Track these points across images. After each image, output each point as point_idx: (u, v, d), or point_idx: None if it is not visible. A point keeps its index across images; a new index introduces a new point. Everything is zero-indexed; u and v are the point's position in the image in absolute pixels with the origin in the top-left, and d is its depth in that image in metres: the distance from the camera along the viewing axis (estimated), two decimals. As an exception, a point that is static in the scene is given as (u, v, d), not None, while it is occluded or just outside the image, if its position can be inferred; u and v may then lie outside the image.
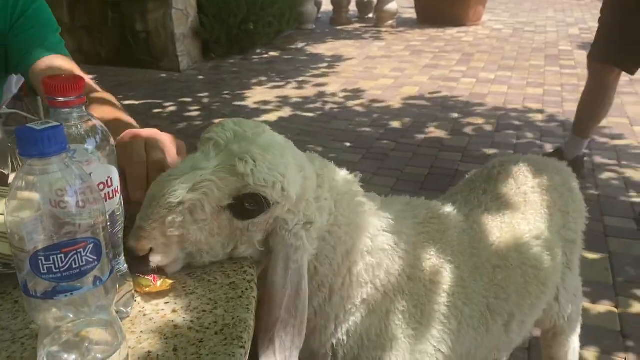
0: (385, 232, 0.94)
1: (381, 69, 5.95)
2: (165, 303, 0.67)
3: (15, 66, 1.35)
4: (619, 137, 3.86)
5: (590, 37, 7.57)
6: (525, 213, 1.23)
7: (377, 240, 0.92)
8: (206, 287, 0.71)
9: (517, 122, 4.20)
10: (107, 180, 0.63)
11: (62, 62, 1.26)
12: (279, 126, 3.17)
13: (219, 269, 0.75)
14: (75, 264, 0.49)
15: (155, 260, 0.71)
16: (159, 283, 0.69)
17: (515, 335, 1.20)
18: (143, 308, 0.67)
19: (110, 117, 1.04)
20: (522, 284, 1.16)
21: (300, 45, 7.27)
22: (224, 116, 4.40)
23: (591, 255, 2.37)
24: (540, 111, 4.44)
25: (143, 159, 0.80)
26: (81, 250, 0.49)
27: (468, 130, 4.07)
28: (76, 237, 0.49)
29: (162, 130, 0.88)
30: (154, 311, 0.66)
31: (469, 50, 6.72)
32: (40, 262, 0.48)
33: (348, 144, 3.78)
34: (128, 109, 1.13)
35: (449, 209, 1.17)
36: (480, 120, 4.26)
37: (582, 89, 4.97)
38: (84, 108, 0.61)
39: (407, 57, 6.52)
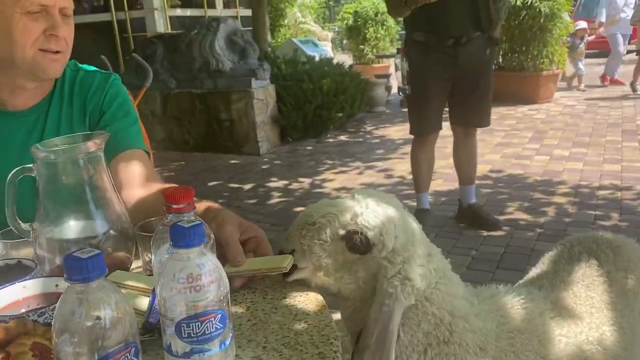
0: (466, 330, 1.02)
1: (452, 148, 6.05)
2: (266, 368, 0.80)
3: None
4: None
5: (670, 111, 7.37)
6: (611, 293, 1.25)
7: (455, 334, 1.01)
8: (299, 356, 0.83)
9: (594, 200, 4.11)
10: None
11: (137, 160, 1.31)
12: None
13: (309, 340, 0.87)
14: (208, 330, 0.63)
15: (295, 257, 0.98)
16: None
17: None
18: (248, 372, 0.79)
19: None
20: None
21: (370, 127, 7.56)
22: (301, 196, 4.63)
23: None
24: (619, 188, 4.34)
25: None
26: (212, 319, 0.64)
27: (543, 208, 4.03)
28: (208, 309, 0.64)
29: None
30: (257, 375, 0.79)
31: (542, 128, 6.70)
32: (182, 328, 0.63)
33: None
34: (213, 191, 1.32)
35: (534, 297, 1.20)
36: (555, 198, 4.22)
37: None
38: (192, 213, 0.79)
39: (478, 135, 6.52)
